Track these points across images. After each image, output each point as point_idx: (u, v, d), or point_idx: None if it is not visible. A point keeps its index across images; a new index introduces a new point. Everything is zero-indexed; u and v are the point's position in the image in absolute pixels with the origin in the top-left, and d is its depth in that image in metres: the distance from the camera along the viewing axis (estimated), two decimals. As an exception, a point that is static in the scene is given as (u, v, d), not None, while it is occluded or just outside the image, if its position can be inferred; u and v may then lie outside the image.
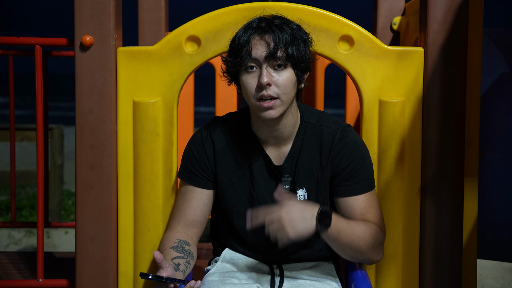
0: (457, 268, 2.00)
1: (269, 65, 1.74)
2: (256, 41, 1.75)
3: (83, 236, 1.99)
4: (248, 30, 1.77)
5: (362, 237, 1.77)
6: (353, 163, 1.84)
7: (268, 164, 1.87)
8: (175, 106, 2.00)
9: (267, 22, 1.77)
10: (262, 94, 1.74)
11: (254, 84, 1.75)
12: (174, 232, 1.87)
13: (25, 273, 2.72)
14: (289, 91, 1.76)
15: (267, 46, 1.73)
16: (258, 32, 1.75)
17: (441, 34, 1.96)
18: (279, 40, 1.73)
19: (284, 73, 1.75)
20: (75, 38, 1.96)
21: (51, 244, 5.02)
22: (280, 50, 1.73)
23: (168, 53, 1.99)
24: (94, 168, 1.98)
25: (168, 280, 1.62)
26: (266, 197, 1.86)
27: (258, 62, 1.75)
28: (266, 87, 1.73)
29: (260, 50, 1.74)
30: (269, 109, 1.75)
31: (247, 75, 1.76)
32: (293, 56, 1.74)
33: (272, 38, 1.73)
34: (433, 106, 1.97)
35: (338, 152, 1.84)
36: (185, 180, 1.91)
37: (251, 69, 1.76)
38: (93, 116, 1.97)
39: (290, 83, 1.76)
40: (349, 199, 1.84)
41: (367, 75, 1.99)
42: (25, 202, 6.20)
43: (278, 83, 1.74)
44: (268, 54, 1.73)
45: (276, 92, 1.74)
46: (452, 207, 1.98)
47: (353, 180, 1.84)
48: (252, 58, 1.74)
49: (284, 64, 1.74)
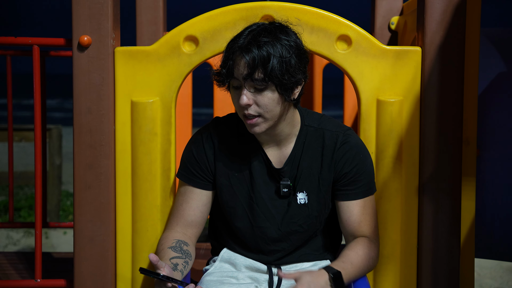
0: (455, 267, 2.00)
1: (250, 85, 1.70)
2: (238, 59, 1.70)
3: (81, 236, 1.99)
4: (235, 43, 1.72)
5: (365, 266, 1.82)
6: (356, 168, 1.84)
7: (268, 166, 1.86)
8: (173, 106, 2.00)
9: (253, 37, 1.70)
10: (244, 113, 1.73)
11: (238, 102, 1.73)
12: (172, 232, 1.87)
13: (23, 273, 2.72)
14: (271, 109, 1.72)
15: (246, 66, 1.68)
16: (240, 51, 1.70)
17: (438, 33, 1.96)
18: (258, 60, 1.66)
19: (265, 93, 1.71)
20: (73, 38, 1.95)
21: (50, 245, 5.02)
22: (258, 71, 1.67)
23: (166, 53, 1.99)
24: (92, 168, 1.98)
25: (164, 278, 1.62)
26: (265, 199, 1.86)
27: (239, 82, 1.72)
28: (246, 107, 1.71)
29: (241, 70, 1.70)
30: (253, 126, 1.74)
31: (232, 91, 1.76)
32: (272, 76, 1.68)
33: (252, 57, 1.67)
34: (431, 105, 1.98)
35: (341, 156, 1.84)
36: (184, 181, 1.90)
37: (235, 85, 1.73)
38: (91, 116, 1.97)
39: (272, 102, 1.72)
40: (350, 203, 1.85)
41: (365, 74, 1.99)
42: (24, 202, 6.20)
43: (259, 103, 1.71)
44: (246, 76, 1.69)
45: (257, 111, 1.72)
46: (449, 206, 1.99)
47: (355, 184, 1.84)
48: (233, 77, 1.72)
49: (263, 85, 1.69)
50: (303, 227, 1.86)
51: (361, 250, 1.81)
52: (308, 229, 1.87)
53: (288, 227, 1.86)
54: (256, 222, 1.86)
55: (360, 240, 1.84)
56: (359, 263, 1.79)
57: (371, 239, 1.85)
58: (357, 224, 1.85)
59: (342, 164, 1.83)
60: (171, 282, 1.64)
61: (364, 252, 1.82)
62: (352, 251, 1.81)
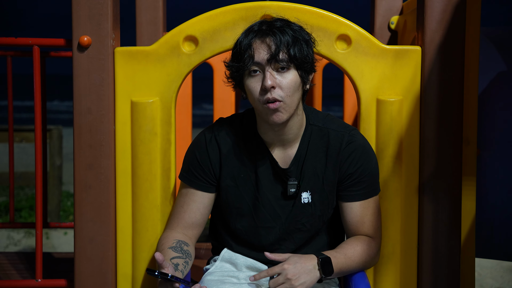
0: (455, 267, 2.00)
1: (272, 68, 1.72)
2: (257, 44, 1.73)
3: (81, 236, 1.99)
4: (250, 33, 1.75)
5: (360, 260, 1.82)
6: (361, 169, 1.84)
7: (274, 167, 1.86)
8: (173, 106, 2.00)
9: (268, 25, 1.76)
10: (267, 97, 1.72)
11: (258, 88, 1.73)
12: (173, 232, 1.87)
13: (24, 273, 2.72)
14: (293, 92, 1.74)
15: (269, 49, 1.72)
16: (259, 35, 1.74)
17: (438, 33, 1.96)
18: (281, 42, 1.71)
19: (287, 75, 1.73)
20: (73, 38, 1.96)
21: (50, 245, 5.02)
22: (282, 52, 1.72)
23: (165, 53, 1.99)
24: (93, 168, 1.98)
25: (173, 278, 1.62)
26: (271, 199, 1.86)
27: (261, 66, 1.73)
28: (270, 90, 1.72)
29: (262, 54, 1.72)
30: (277, 111, 1.73)
31: (251, 79, 1.75)
32: (296, 57, 1.72)
33: (273, 40, 1.72)
34: (431, 105, 1.98)
35: (346, 157, 1.83)
36: (186, 183, 1.90)
37: (255, 73, 1.74)
38: (91, 116, 1.97)
39: (295, 85, 1.74)
40: (354, 204, 1.85)
41: (365, 74, 1.99)
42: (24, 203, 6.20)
43: (282, 85, 1.73)
44: (270, 57, 1.71)
45: (280, 95, 1.73)
46: (450, 205, 1.98)
47: (359, 185, 1.84)
48: (254, 62, 1.73)
49: (287, 66, 1.73)
50: (306, 226, 1.86)
51: (359, 246, 1.82)
52: (311, 228, 1.87)
53: (291, 226, 1.86)
54: (260, 222, 1.86)
55: (360, 237, 1.86)
56: (353, 257, 1.80)
57: (372, 238, 1.86)
58: (360, 224, 1.85)
59: (347, 165, 1.83)
60: (180, 283, 1.64)
61: (361, 247, 1.82)
62: (348, 244, 1.83)
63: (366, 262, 1.85)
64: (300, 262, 1.71)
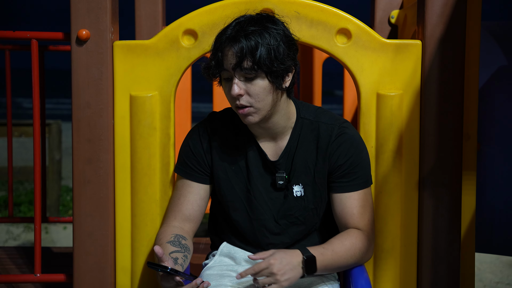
0: (455, 262, 2.00)
1: (239, 75, 1.72)
2: (226, 50, 1.72)
3: (80, 231, 1.99)
4: (222, 36, 1.74)
5: (349, 255, 1.78)
6: (350, 160, 1.83)
7: (264, 159, 1.86)
8: (172, 100, 2.00)
9: (239, 29, 1.72)
10: (237, 104, 1.74)
11: (229, 93, 1.74)
12: (170, 227, 1.87)
13: (23, 268, 2.72)
14: (263, 98, 1.73)
15: (235, 56, 1.70)
16: (228, 41, 1.72)
17: (439, 27, 1.95)
18: (246, 50, 1.68)
19: (255, 82, 1.72)
20: (72, 32, 1.95)
21: (50, 240, 5.02)
22: (246, 60, 1.69)
23: (165, 47, 1.98)
24: (91, 163, 1.97)
25: (172, 271, 1.61)
26: (262, 192, 1.86)
27: (229, 73, 1.73)
28: (238, 98, 1.72)
29: (229, 61, 1.71)
30: (247, 116, 1.74)
31: (224, 83, 1.77)
32: (261, 64, 1.69)
33: (240, 47, 1.69)
34: (431, 99, 1.97)
35: (336, 148, 1.83)
36: (181, 175, 1.90)
37: (226, 76, 1.75)
38: (90, 111, 1.97)
39: (263, 91, 1.73)
40: (344, 195, 1.84)
41: (365, 68, 1.98)
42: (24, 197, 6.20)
43: (250, 93, 1.72)
44: (235, 65, 1.70)
45: (249, 101, 1.73)
46: (450, 200, 1.98)
47: (350, 176, 1.83)
48: (223, 68, 1.73)
49: (254, 73, 1.71)
50: (299, 219, 1.86)
51: (348, 240, 1.79)
52: (305, 221, 1.87)
53: (285, 220, 1.86)
54: (254, 215, 1.86)
55: (350, 230, 1.82)
56: (341, 252, 1.77)
57: (363, 231, 1.83)
58: (349, 216, 1.83)
59: (336, 156, 1.83)
60: (180, 276, 1.63)
61: (350, 242, 1.79)
62: (337, 239, 1.80)
63: (356, 257, 1.80)
64: (286, 258, 1.68)
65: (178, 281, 1.64)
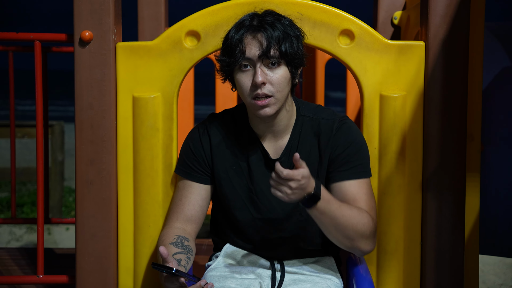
0: (458, 264, 1.99)
1: (262, 63, 1.74)
2: (249, 40, 1.75)
3: (83, 232, 1.99)
4: (241, 28, 1.76)
5: (351, 222, 1.73)
6: (348, 149, 1.83)
7: (266, 158, 1.86)
8: (174, 101, 2.00)
9: (259, 20, 1.77)
10: (257, 93, 1.74)
11: (249, 83, 1.75)
12: (172, 228, 1.87)
13: (25, 269, 2.72)
14: (283, 88, 1.77)
15: (260, 45, 1.73)
16: (251, 31, 1.75)
17: (442, 28, 1.94)
18: (272, 38, 1.73)
19: (278, 71, 1.75)
20: (75, 33, 1.95)
21: (52, 241, 5.02)
22: (273, 48, 1.73)
23: (167, 48, 1.98)
24: (94, 164, 1.97)
25: (177, 273, 1.60)
26: (265, 190, 1.85)
27: (252, 61, 1.75)
28: (260, 86, 1.74)
29: (253, 50, 1.74)
30: (264, 107, 1.76)
31: (241, 74, 1.77)
32: (287, 53, 1.74)
33: (264, 36, 1.73)
34: (435, 100, 1.96)
35: (336, 140, 1.84)
36: (182, 176, 1.90)
37: (245, 67, 1.76)
38: (93, 112, 1.97)
39: (285, 80, 1.76)
40: (342, 183, 1.81)
41: (368, 69, 1.97)
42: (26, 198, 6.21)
43: (273, 81, 1.75)
44: (261, 53, 1.73)
45: (271, 90, 1.75)
46: (453, 202, 1.97)
47: (348, 165, 1.82)
48: (245, 57, 1.75)
49: (278, 62, 1.75)
50: (302, 215, 1.86)
51: (356, 210, 1.76)
52: (308, 218, 1.86)
53: (287, 216, 1.86)
54: (257, 214, 1.86)
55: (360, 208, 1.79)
56: (346, 213, 1.72)
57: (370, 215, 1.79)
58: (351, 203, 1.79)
59: (336, 147, 1.83)
60: (184, 277, 1.62)
61: (358, 213, 1.75)
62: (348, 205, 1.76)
63: (357, 229, 1.74)
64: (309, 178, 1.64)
65: (182, 283, 1.63)
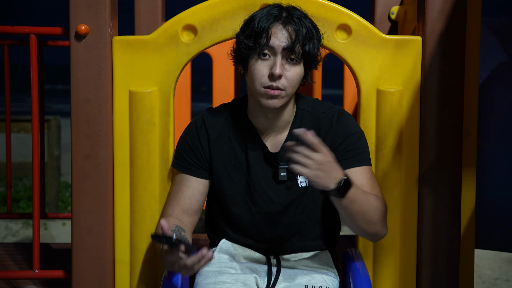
0: (454, 258, 2.00)
1: (284, 57, 1.73)
2: (277, 30, 1.73)
3: (79, 227, 1.98)
4: (270, 16, 1.74)
5: (375, 207, 1.73)
6: (348, 139, 1.83)
7: (265, 152, 1.86)
8: (171, 96, 1.99)
9: (289, 13, 1.76)
10: (271, 84, 1.74)
11: (265, 72, 1.74)
12: (170, 218, 1.86)
13: (21, 264, 2.71)
14: (295, 85, 1.77)
15: (288, 37, 1.73)
16: (281, 21, 1.74)
17: (439, 23, 1.94)
18: (300, 35, 1.72)
19: (295, 68, 1.75)
20: (70, 27, 1.94)
21: (49, 236, 5.02)
22: (298, 45, 1.73)
23: (164, 42, 1.97)
24: (90, 158, 1.97)
25: (177, 241, 1.57)
26: (263, 185, 1.85)
27: (274, 51, 1.73)
28: (277, 78, 1.73)
29: (280, 40, 1.73)
30: (274, 98, 1.75)
31: (259, 61, 1.75)
32: (309, 53, 1.74)
33: (294, 30, 1.73)
34: (431, 95, 1.96)
35: (335, 132, 1.84)
36: (179, 170, 1.90)
37: (264, 56, 1.74)
38: (89, 106, 1.96)
39: (298, 78, 1.77)
40: (347, 172, 1.79)
41: (365, 64, 1.97)
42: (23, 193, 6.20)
43: (288, 77, 1.74)
44: (287, 46, 1.72)
45: (284, 85, 1.74)
46: (450, 197, 1.98)
47: (350, 153, 1.82)
48: (269, 46, 1.73)
49: (298, 59, 1.74)
50: (302, 210, 1.86)
51: (372, 195, 1.75)
52: (308, 212, 1.86)
53: (287, 211, 1.86)
54: (255, 208, 1.86)
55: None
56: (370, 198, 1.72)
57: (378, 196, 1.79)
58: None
59: (335, 138, 1.84)
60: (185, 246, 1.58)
61: (374, 198, 1.74)
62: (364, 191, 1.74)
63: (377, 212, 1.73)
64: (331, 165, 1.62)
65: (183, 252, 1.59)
